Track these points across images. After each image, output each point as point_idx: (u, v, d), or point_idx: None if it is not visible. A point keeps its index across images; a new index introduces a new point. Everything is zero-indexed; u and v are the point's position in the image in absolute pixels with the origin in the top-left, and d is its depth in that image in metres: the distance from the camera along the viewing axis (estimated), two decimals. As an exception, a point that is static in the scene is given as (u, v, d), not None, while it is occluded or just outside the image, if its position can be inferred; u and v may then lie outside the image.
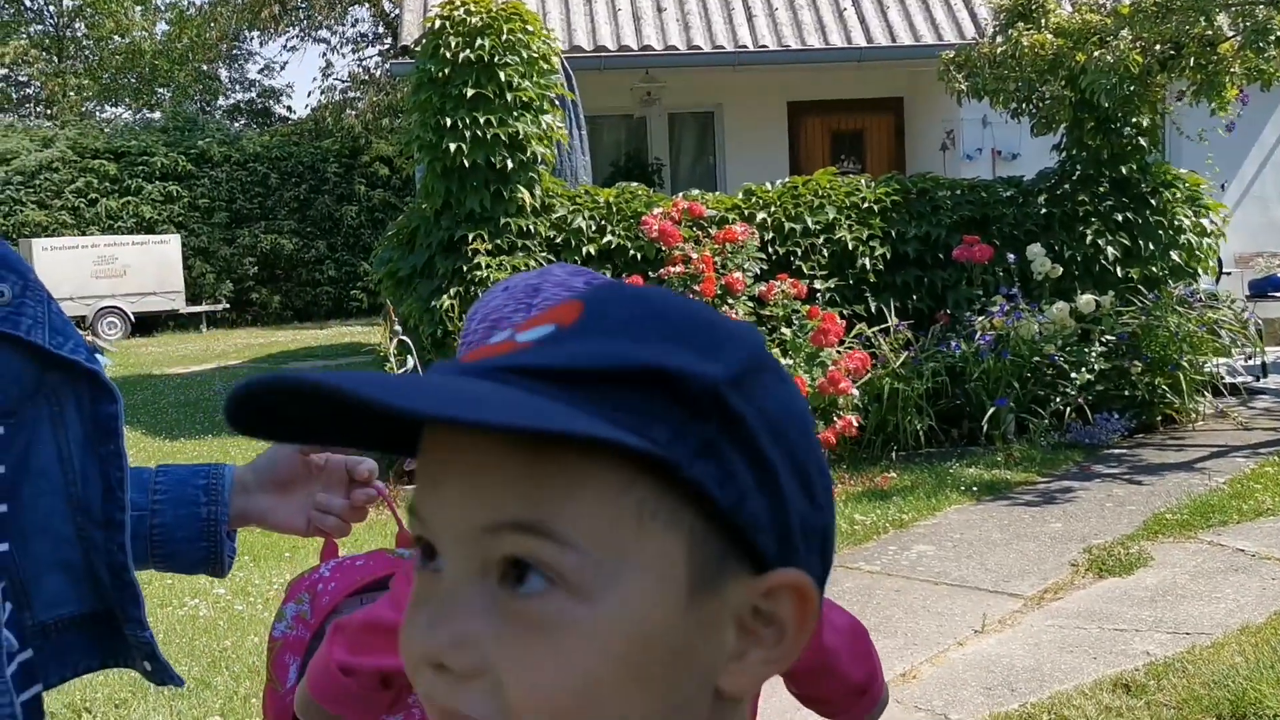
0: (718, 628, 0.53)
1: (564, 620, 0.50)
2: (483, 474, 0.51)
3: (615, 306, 0.53)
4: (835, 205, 8.33)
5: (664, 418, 0.50)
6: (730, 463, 0.51)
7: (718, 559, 0.52)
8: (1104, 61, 7.39)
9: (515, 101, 7.59)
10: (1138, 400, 7.53)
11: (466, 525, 0.51)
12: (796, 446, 0.54)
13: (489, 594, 0.51)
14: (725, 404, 0.51)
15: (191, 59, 28.31)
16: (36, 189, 21.12)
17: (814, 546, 0.55)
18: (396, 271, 7.94)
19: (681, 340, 0.52)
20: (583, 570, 0.49)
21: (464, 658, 0.51)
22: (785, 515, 0.53)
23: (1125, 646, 4.05)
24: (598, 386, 0.49)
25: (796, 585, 0.53)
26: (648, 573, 0.50)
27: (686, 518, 0.51)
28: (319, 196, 22.58)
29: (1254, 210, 11.95)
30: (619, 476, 0.50)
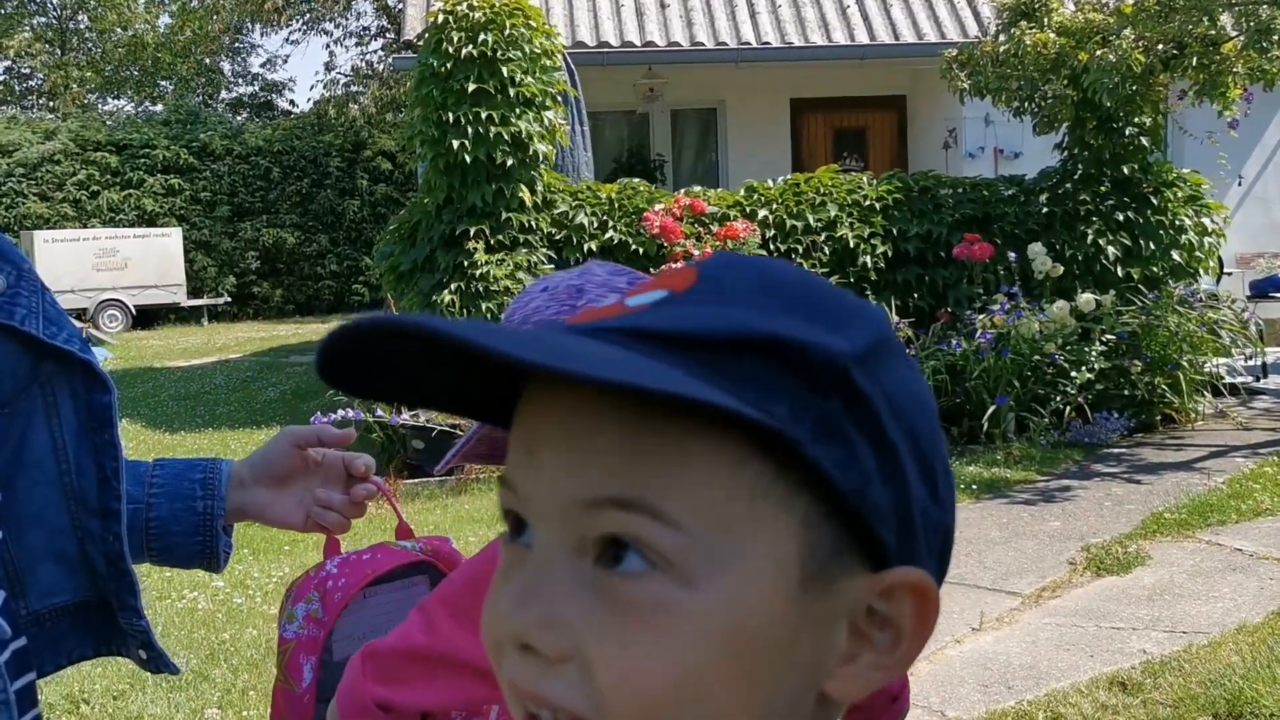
0: (829, 626, 0.49)
1: (664, 605, 0.46)
2: (584, 443, 0.47)
3: (733, 275, 0.49)
4: (837, 203, 8.33)
5: (783, 393, 0.46)
6: (853, 445, 0.47)
7: (833, 549, 0.48)
8: (1106, 61, 7.38)
9: (518, 97, 7.59)
10: (1137, 400, 7.53)
11: (564, 498, 0.47)
12: (921, 436, 0.50)
13: (583, 573, 0.47)
14: (850, 382, 0.47)
15: (194, 52, 28.31)
16: (38, 181, 21.13)
17: (934, 547, 0.51)
18: (398, 266, 7.95)
19: (804, 312, 0.48)
20: (687, 553, 0.46)
21: (553, 639, 0.47)
22: (908, 508, 0.49)
23: (1122, 645, 4.06)
24: (712, 355, 0.46)
25: (917, 585, 0.49)
26: (757, 559, 0.46)
27: (801, 502, 0.47)
28: (321, 190, 22.58)
29: (1255, 211, 11.94)
30: (731, 453, 0.46)
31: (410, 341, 0.47)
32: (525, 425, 0.50)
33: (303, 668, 1.27)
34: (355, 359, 0.49)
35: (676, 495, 0.46)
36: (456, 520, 6.18)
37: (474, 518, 6.21)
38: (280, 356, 14.47)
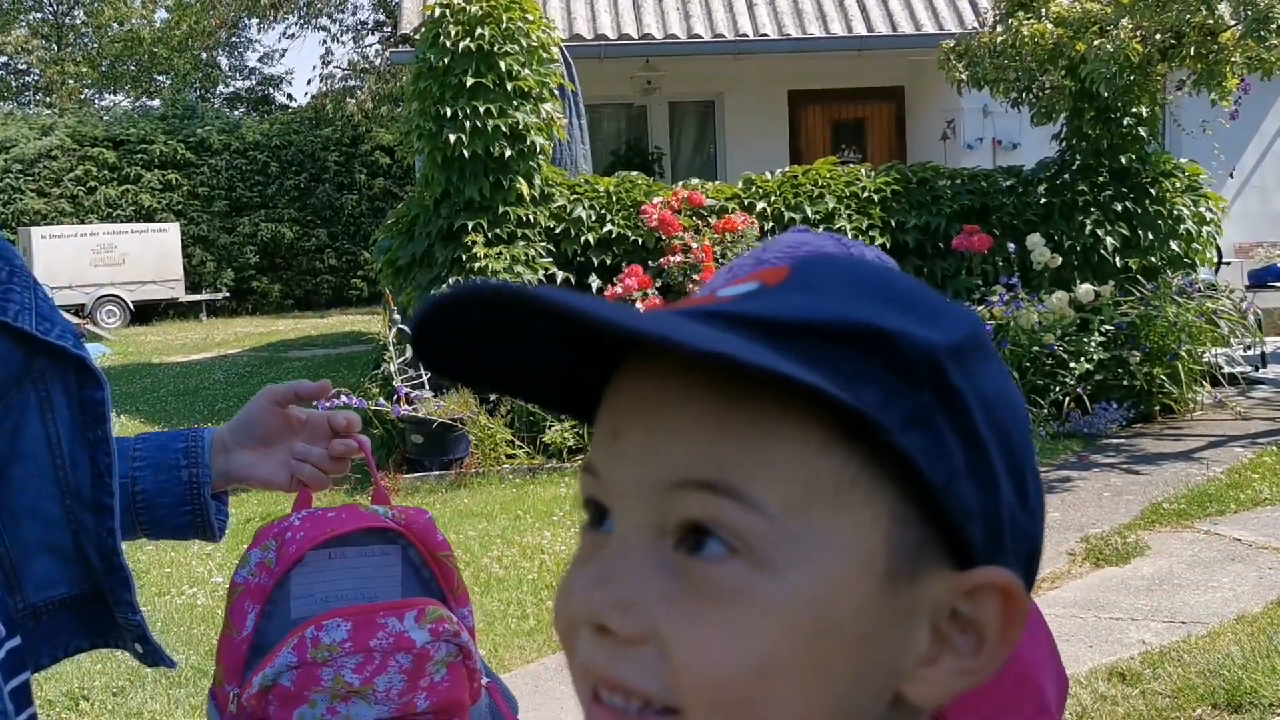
0: (910, 624, 0.48)
1: (744, 591, 0.45)
2: (670, 425, 0.47)
3: (826, 270, 0.49)
4: (835, 195, 8.33)
5: (875, 381, 0.45)
6: (943, 439, 0.46)
7: (918, 544, 0.47)
8: (1104, 51, 7.37)
9: (515, 91, 7.58)
10: (1136, 390, 7.54)
11: (647, 480, 0.47)
12: (1013, 438, 0.49)
13: (663, 556, 0.47)
14: (943, 374, 0.46)
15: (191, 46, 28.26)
16: (35, 177, 21.10)
17: (1021, 552, 0.49)
18: (396, 260, 7.94)
19: (898, 305, 0.47)
20: (770, 538, 0.45)
21: (629, 621, 0.46)
22: (996, 508, 0.48)
23: (1121, 635, 4.06)
24: (803, 341, 0.45)
25: (1005, 587, 0.48)
26: (841, 548, 0.46)
27: (887, 494, 0.46)
28: (319, 185, 22.55)
29: (1254, 200, 11.94)
30: (818, 437, 0.45)
31: (508, 311, 0.47)
32: (610, 410, 0.50)
33: (246, 614, 1.23)
34: (446, 335, 0.49)
35: (761, 479, 0.45)
36: (456, 515, 6.19)
37: (473, 512, 6.22)
38: (279, 351, 14.46)
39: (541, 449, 7.19)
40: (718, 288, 0.51)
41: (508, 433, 7.19)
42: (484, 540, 5.63)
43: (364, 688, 1.18)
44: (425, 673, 1.21)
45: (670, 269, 7.55)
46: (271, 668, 1.18)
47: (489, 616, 4.57)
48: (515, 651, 4.21)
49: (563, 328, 0.47)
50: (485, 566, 5.22)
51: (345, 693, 1.17)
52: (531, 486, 6.71)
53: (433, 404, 7.05)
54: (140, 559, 5.44)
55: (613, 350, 0.50)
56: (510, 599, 4.76)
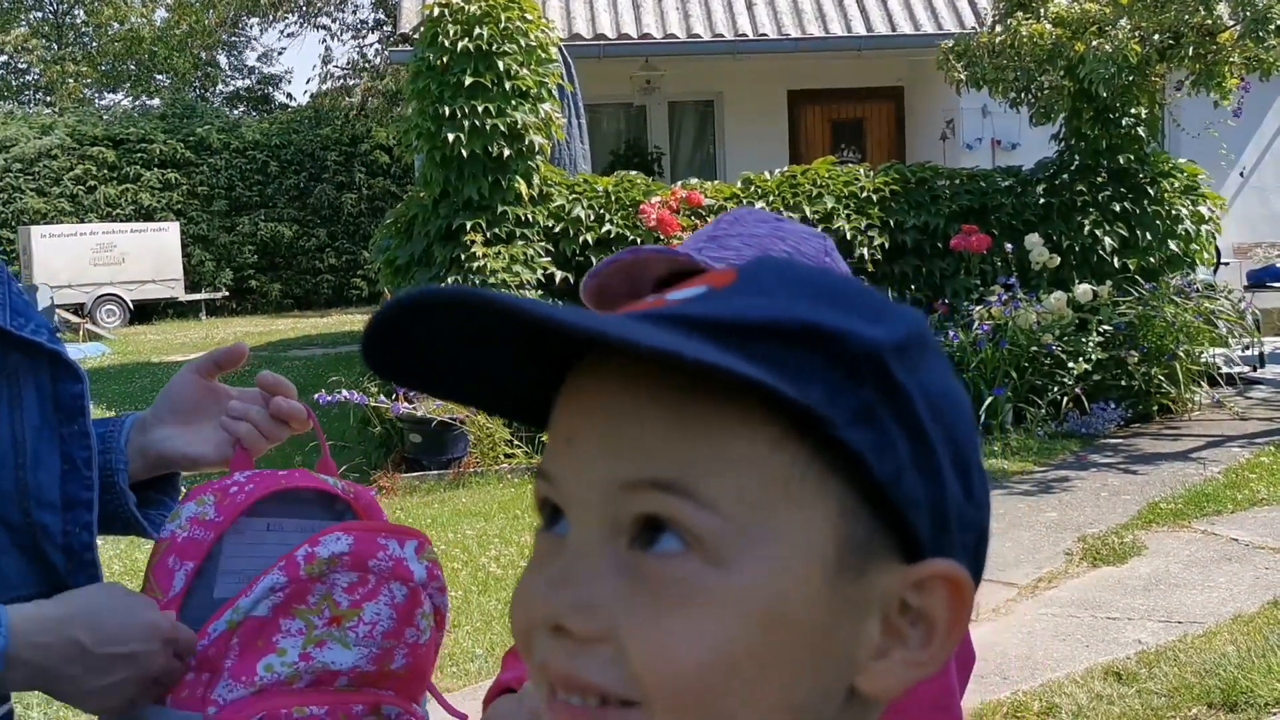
0: (861, 616, 0.49)
1: (698, 586, 0.46)
2: (624, 426, 0.48)
3: (771, 271, 0.50)
4: (834, 194, 8.33)
5: (819, 378, 0.46)
6: (888, 433, 0.47)
7: (867, 536, 0.48)
8: (1102, 51, 7.38)
9: (514, 90, 7.58)
10: (1134, 390, 7.54)
11: (602, 481, 0.48)
12: (957, 432, 0.50)
13: (618, 555, 0.48)
14: (886, 370, 0.47)
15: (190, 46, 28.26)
16: (35, 176, 21.10)
17: (968, 544, 0.51)
18: (394, 260, 7.95)
19: (842, 304, 0.49)
20: (723, 534, 0.46)
21: (587, 621, 0.47)
22: (943, 501, 0.49)
23: (1118, 635, 4.07)
24: (750, 340, 0.46)
25: (951, 577, 0.49)
26: (792, 542, 0.47)
27: (836, 487, 0.47)
28: (319, 184, 22.55)
29: (1253, 201, 11.95)
30: (768, 434, 0.47)
31: (464, 316, 0.47)
32: (564, 415, 0.51)
33: (173, 573, 1.06)
34: (399, 341, 0.49)
35: (714, 477, 0.46)
36: (454, 514, 6.19)
37: (471, 511, 6.22)
38: (278, 351, 14.47)
39: (540, 448, 7.19)
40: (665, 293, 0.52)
41: (506, 432, 7.20)
42: (482, 539, 5.64)
43: (350, 612, 1.06)
44: (413, 620, 1.09)
45: (669, 269, 7.55)
46: (248, 598, 1.04)
47: (486, 616, 4.57)
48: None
49: (515, 332, 0.48)
50: (483, 566, 5.22)
51: (324, 625, 1.05)
52: (529, 486, 6.70)
53: (431, 403, 7.05)
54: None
55: (564, 356, 0.50)
56: (508, 598, 4.75)
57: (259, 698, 1.02)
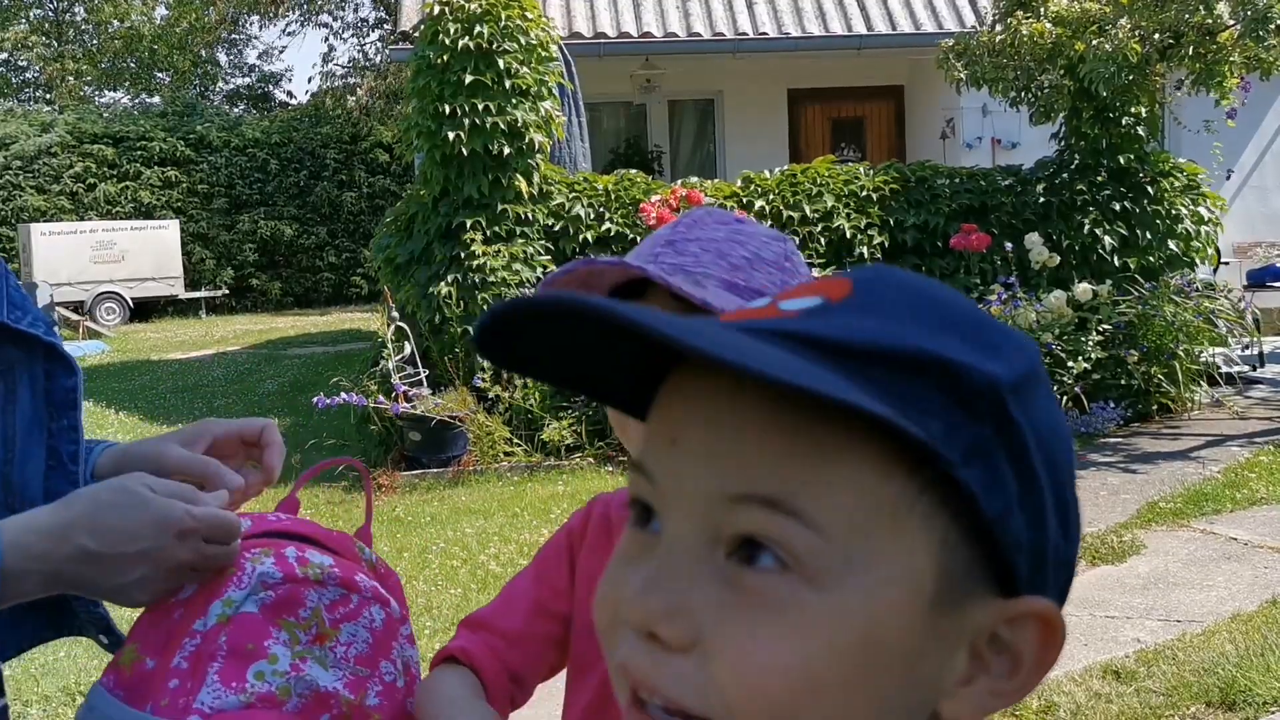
0: (952, 647, 0.49)
1: (794, 604, 0.46)
2: (731, 437, 0.47)
3: (888, 288, 0.50)
4: (834, 193, 8.33)
5: (939, 411, 0.46)
6: (999, 471, 0.47)
7: (966, 571, 0.48)
8: (1103, 50, 7.38)
9: (514, 88, 7.59)
10: (1134, 389, 7.55)
11: (707, 490, 0.48)
12: (1060, 469, 0.50)
13: (715, 565, 0.48)
14: (1004, 408, 0.47)
15: (191, 44, 28.25)
16: (35, 174, 21.10)
17: (1059, 582, 0.51)
18: (394, 258, 7.94)
19: (961, 333, 0.48)
20: (825, 557, 0.46)
21: (679, 628, 0.47)
22: (1043, 539, 0.49)
23: (1116, 634, 4.07)
24: (869, 367, 0.46)
25: (1046, 616, 0.49)
26: (892, 571, 0.47)
27: (941, 522, 0.47)
28: (319, 183, 22.54)
29: (1253, 200, 11.94)
30: (880, 463, 0.46)
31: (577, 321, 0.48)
32: (668, 414, 0.50)
33: None
34: (511, 332, 0.50)
35: (821, 499, 0.46)
36: (454, 512, 6.19)
37: (471, 509, 6.22)
38: (279, 349, 14.47)
39: (539, 447, 7.19)
40: (775, 299, 0.51)
41: (505, 430, 7.20)
42: (481, 537, 5.64)
43: (331, 632, 0.99)
44: (389, 652, 1.02)
45: (669, 267, 7.55)
46: (238, 589, 0.97)
47: (486, 613, 4.58)
48: (512, 648, 4.21)
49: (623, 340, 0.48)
50: (483, 564, 5.22)
51: (309, 641, 0.98)
52: (529, 484, 6.72)
53: (431, 401, 7.05)
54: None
55: (672, 355, 0.50)
56: (507, 596, 4.77)
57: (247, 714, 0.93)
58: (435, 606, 4.69)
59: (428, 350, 7.73)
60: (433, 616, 4.57)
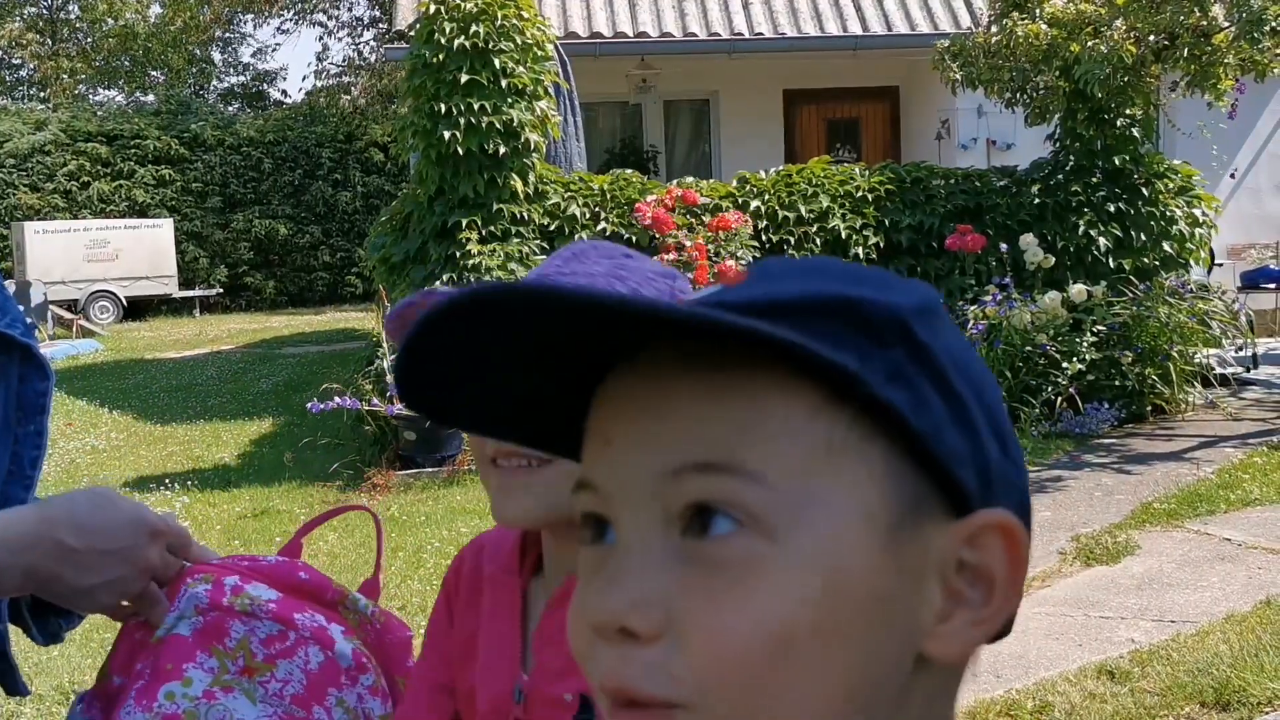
0: (921, 579, 0.48)
1: (752, 561, 0.46)
2: (660, 415, 0.48)
3: (780, 266, 0.52)
4: (829, 194, 8.34)
5: (849, 343, 0.47)
6: (921, 391, 0.48)
7: (915, 496, 0.48)
8: (1098, 52, 7.39)
9: (509, 88, 7.58)
10: (1128, 390, 7.56)
11: (646, 474, 0.48)
12: (985, 392, 0.51)
13: (672, 547, 0.47)
14: (911, 332, 0.49)
15: (185, 42, 28.21)
16: (29, 172, 21.05)
17: (1011, 503, 0.50)
18: (390, 257, 7.94)
19: (853, 279, 0.50)
20: (772, 506, 0.46)
21: (646, 617, 0.46)
22: (983, 455, 0.49)
23: (1111, 634, 4.08)
24: (780, 317, 0.47)
25: (1003, 525, 0.49)
26: (841, 508, 0.47)
27: (878, 449, 0.48)
28: (313, 182, 22.52)
29: (1247, 202, 11.96)
30: (804, 403, 0.47)
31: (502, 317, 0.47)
32: (599, 422, 0.51)
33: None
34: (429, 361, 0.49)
35: (755, 449, 0.46)
36: (449, 512, 6.19)
37: (466, 509, 6.22)
38: (273, 348, 14.45)
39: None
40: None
41: (501, 430, 7.19)
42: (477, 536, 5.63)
43: (263, 666, 0.98)
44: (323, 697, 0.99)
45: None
46: (173, 611, 0.98)
47: (481, 613, 4.58)
48: (507, 648, 4.21)
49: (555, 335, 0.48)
50: (477, 563, 5.22)
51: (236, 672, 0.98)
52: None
53: (426, 401, 7.05)
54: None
55: (591, 371, 0.51)
56: (502, 595, 4.77)
57: None
58: (429, 606, 4.68)
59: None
60: (427, 616, 4.56)
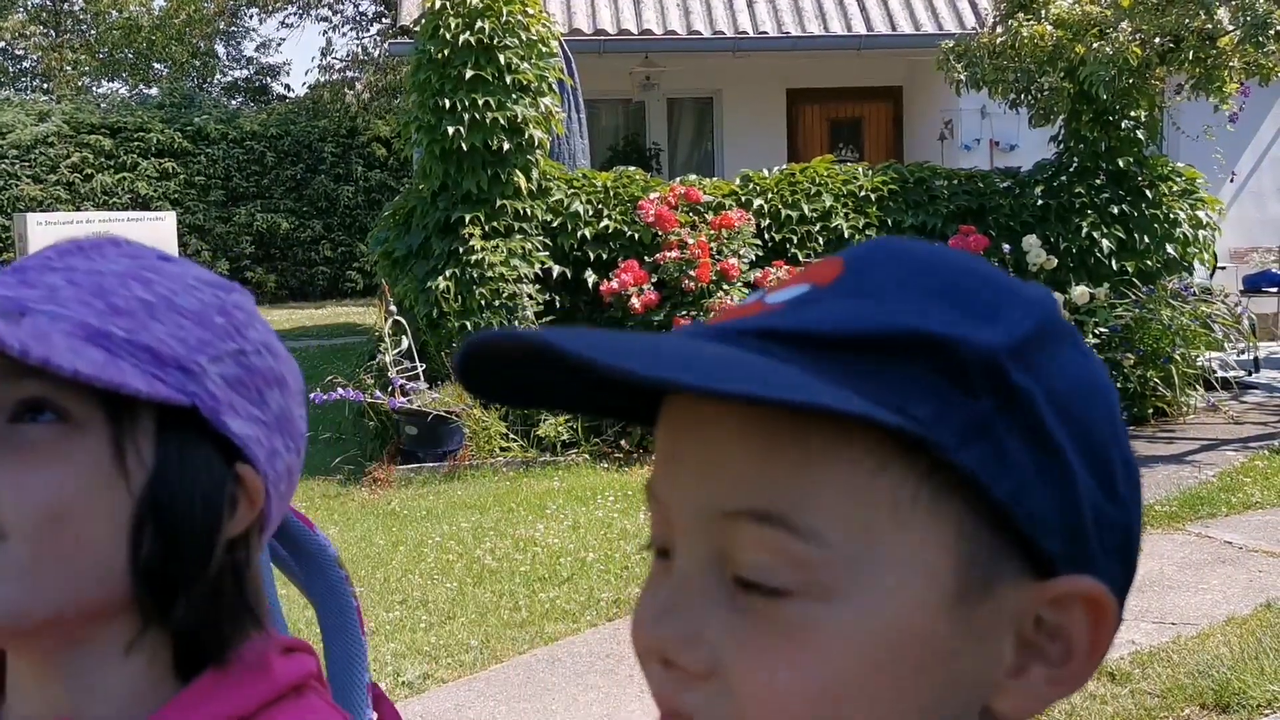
0: (990, 637, 0.45)
1: (806, 622, 0.44)
2: (719, 451, 0.45)
3: (879, 263, 0.47)
4: (832, 193, 8.34)
5: (928, 391, 0.43)
6: (1006, 447, 0.43)
7: (990, 557, 0.44)
8: (1103, 53, 7.39)
9: (514, 84, 7.58)
10: (1130, 393, 7.56)
11: (701, 508, 0.46)
12: (1093, 429, 0.46)
13: (725, 589, 0.45)
14: (1003, 376, 0.43)
15: (189, 35, 28.20)
16: (32, 163, 21.06)
17: (1111, 547, 0.46)
18: (392, 252, 7.94)
19: (953, 300, 0.45)
20: (829, 566, 0.43)
21: (693, 656, 0.45)
22: (1075, 508, 0.45)
23: (1111, 636, 4.08)
24: (848, 354, 0.43)
25: (1089, 595, 0.45)
26: (905, 568, 0.44)
27: (953, 507, 0.44)
28: (316, 176, 22.51)
29: (1250, 205, 11.97)
30: (873, 458, 0.43)
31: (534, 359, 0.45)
32: (665, 429, 0.48)
33: None
34: (486, 367, 0.48)
35: (814, 504, 0.44)
36: (450, 506, 6.19)
37: (467, 503, 6.22)
38: (274, 342, 14.43)
39: (535, 442, 7.19)
40: (765, 292, 0.48)
41: (502, 426, 7.19)
42: (477, 532, 5.64)
43: None
44: None
45: (666, 265, 7.56)
46: None
47: (481, 608, 4.58)
48: (507, 643, 4.21)
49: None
50: (478, 558, 5.22)
51: None
52: (525, 479, 6.72)
53: (427, 396, 7.05)
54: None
55: None
56: (503, 590, 4.77)
57: None
58: (431, 600, 4.69)
59: (425, 345, 7.72)
60: (428, 610, 4.57)
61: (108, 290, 0.75)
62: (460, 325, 7.41)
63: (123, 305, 0.74)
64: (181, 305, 0.77)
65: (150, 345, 0.72)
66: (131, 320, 0.73)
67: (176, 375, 0.72)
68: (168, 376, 0.71)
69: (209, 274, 0.84)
